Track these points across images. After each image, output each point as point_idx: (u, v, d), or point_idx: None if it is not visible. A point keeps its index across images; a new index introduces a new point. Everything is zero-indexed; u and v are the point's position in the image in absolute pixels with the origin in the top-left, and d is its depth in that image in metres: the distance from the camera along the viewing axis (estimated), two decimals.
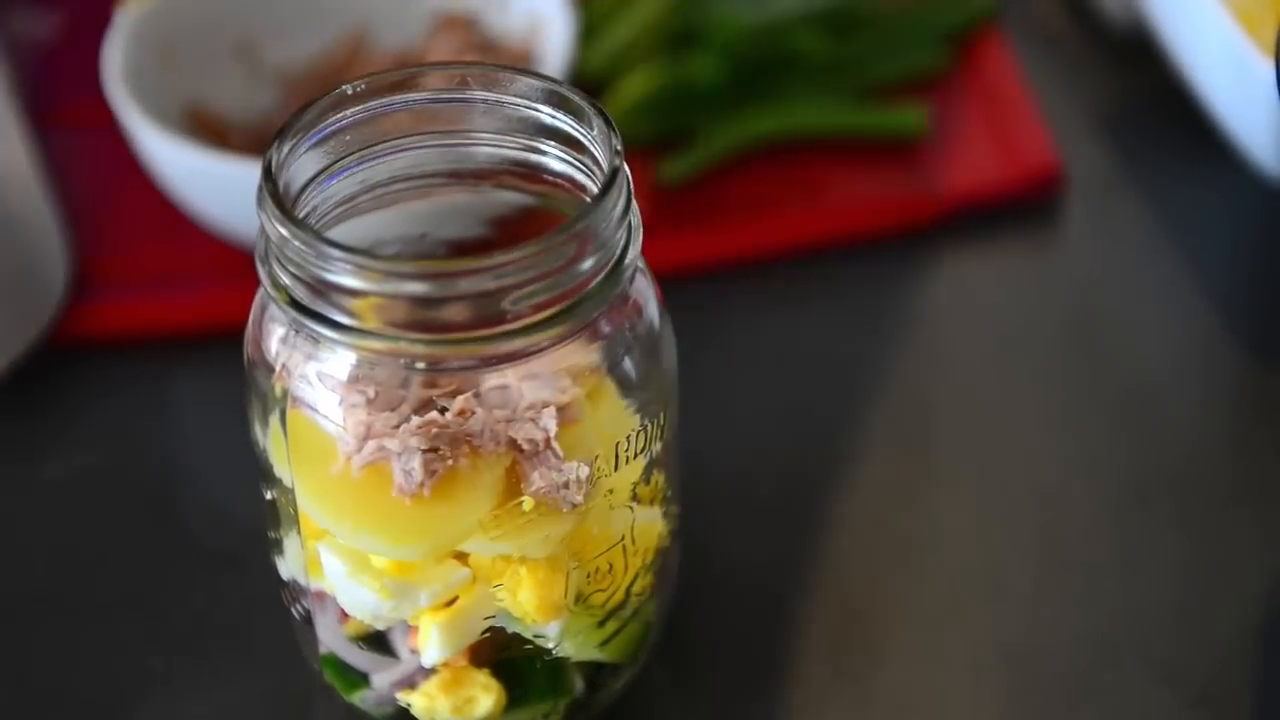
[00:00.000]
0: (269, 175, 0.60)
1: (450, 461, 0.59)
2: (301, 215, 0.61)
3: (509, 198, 0.65)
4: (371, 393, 0.60)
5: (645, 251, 0.62)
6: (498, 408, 0.60)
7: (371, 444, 0.59)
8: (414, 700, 0.64)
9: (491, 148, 0.64)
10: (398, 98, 0.63)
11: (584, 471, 0.60)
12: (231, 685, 0.70)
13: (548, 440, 0.60)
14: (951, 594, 0.72)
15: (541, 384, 0.60)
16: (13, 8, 0.95)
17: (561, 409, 0.60)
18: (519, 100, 0.63)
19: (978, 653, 0.70)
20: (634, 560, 0.64)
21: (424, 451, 0.59)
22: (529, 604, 0.62)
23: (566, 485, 0.60)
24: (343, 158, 0.63)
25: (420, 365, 0.59)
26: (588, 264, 0.59)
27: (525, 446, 0.60)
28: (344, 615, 0.63)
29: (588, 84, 0.88)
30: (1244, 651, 0.70)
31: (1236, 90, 0.83)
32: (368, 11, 0.89)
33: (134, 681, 0.70)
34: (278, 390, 0.61)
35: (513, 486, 0.60)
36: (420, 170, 0.64)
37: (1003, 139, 0.88)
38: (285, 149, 0.61)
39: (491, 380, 0.60)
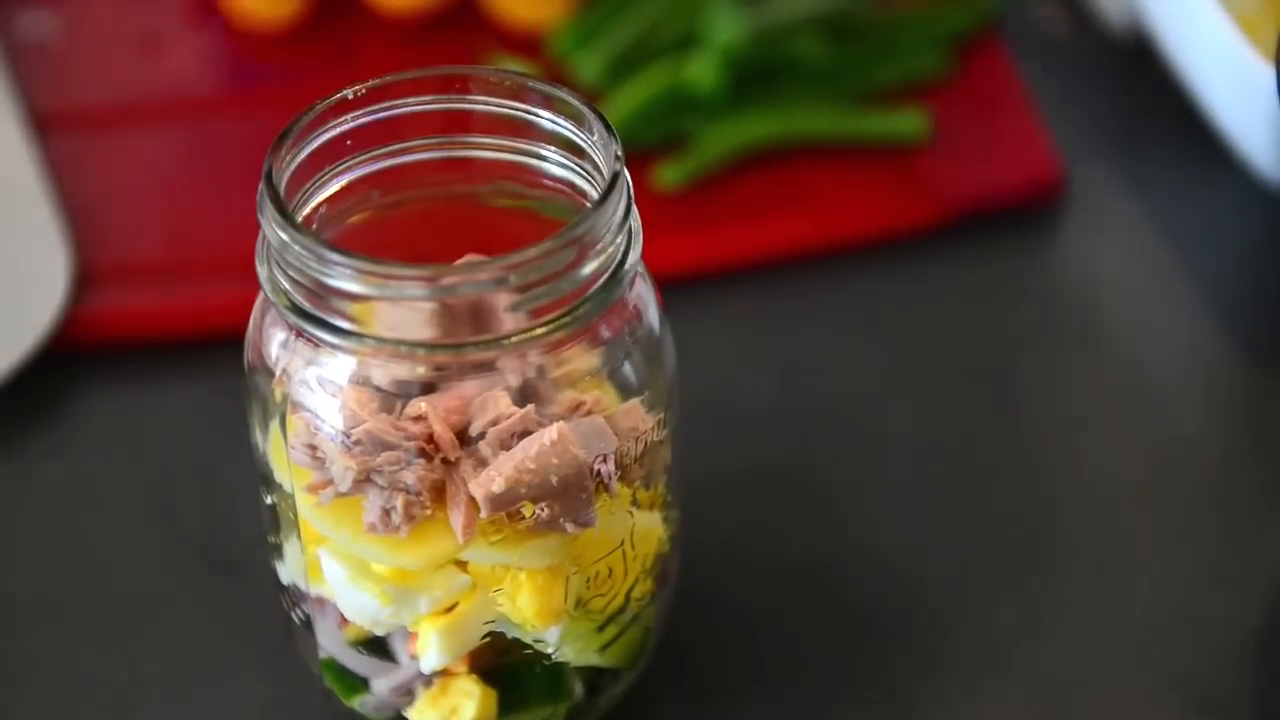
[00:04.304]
0: (269, 180, 0.60)
1: (428, 512, 0.60)
2: (301, 220, 0.61)
3: (509, 202, 0.65)
4: (370, 400, 0.60)
5: (644, 256, 0.62)
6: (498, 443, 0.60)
7: (348, 474, 0.59)
8: (408, 716, 0.65)
9: (491, 152, 0.64)
10: (398, 102, 0.63)
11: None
12: (231, 690, 0.70)
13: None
14: (953, 597, 0.72)
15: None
16: (14, 8, 0.94)
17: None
18: (518, 105, 0.63)
19: (980, 655, 0.70)
20: (634, 565, 0.64)
21: (407, 494, 0.59)
22: (528, 609, 0.62)
23: None
24: (343, 162, 0.63)
25: (420, 370, 0.60)
26: (588, 269, 0.59)
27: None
28: (344, 620, 0.63)
29: (588, 89, 0.88)
30: (1246, 656, 0.70)
31: (1236, 95, 0.83)
32: None
33: (133, 685, 0.70)
34: (278, 395, 0.61)
35: None
36: (420, 175, 0.64)
37: (1003, 144, 0.88)
38: (286, 153, 0.61)
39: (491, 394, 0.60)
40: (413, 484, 0.59)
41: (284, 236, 0.59)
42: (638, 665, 0.67)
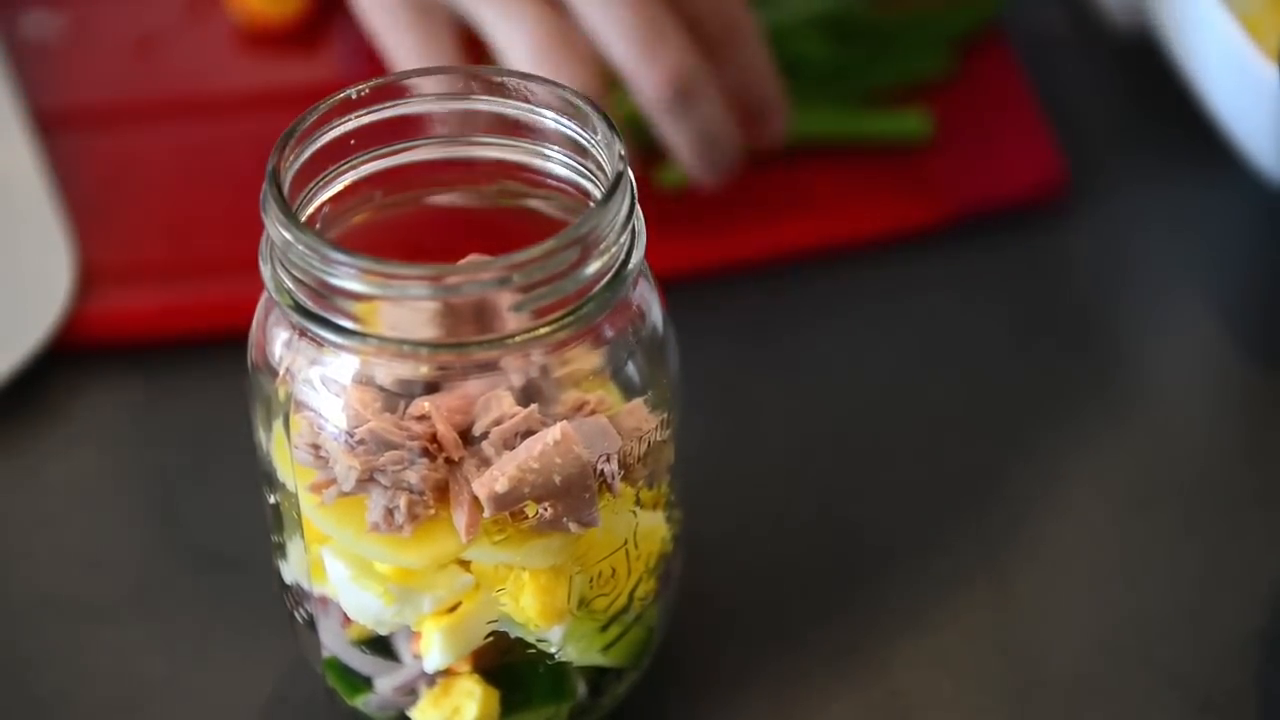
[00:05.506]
0: (273, 179, 0.60)
1: (432, 511, 0.60)
2: (304, 219, 0.61)
3: (512, 202, 0.65)
4: (374, 400, 0.60)
5: (647, 256, 0.62)
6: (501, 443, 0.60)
7: (351, 473, 0.59)
8: (411, 716, 0.65)
9: (494, 152, 0.64)
10: (401, 102, 0.63)
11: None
12: (233, 689, 0.70)
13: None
14: (955, 598, 0.72)
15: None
16: (17, 8, 0.95)
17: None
18: (522, 105, 0.63)
19: (981, 657, 0.70)
20: (637, 565, 0.64)
21: (411, 494, 0.59)
22: (532, 609, 0.62)
23: None
24: (346, 161, 0.63)
25: (423, 370, 0.59)
26: (592, 268, 0.59)
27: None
28: (347, 620, 0.63)
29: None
30: (1249, 656, 0.70)
31: (1240, 94, 0.83)
32: None
33: (135, 685, 0.70)
34: (281, 395, 0.61)
35: None
36: (423, 174, 0.64)
37: (1006, 144, 0.88)
38: (290, 153, 0.61)
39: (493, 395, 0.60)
40: (416, 483, 0.59)
41: (288, 236, 0.59)
42: (640, 665, 0.67)
